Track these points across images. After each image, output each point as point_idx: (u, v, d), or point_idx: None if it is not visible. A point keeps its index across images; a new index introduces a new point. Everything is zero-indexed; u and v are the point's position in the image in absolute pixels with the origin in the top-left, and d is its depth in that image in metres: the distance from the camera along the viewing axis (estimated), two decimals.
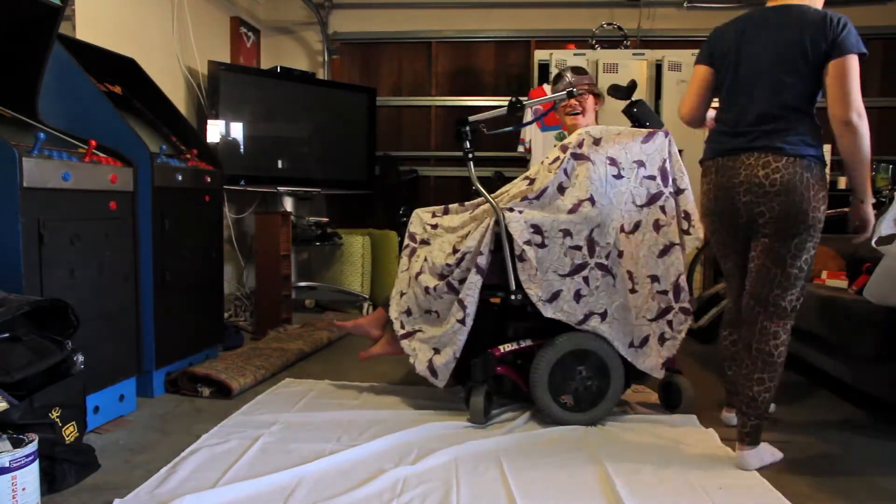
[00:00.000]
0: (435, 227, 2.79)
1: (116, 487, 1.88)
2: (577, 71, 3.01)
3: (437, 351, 2.51)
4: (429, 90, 5.29)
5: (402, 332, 2.66)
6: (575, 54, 4.47)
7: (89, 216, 2.29)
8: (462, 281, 2.50)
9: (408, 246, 2.83)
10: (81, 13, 3.07)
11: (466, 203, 2.84)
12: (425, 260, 2.65)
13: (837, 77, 1.97)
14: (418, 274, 2.65)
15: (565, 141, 2.67)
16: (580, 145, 2.60)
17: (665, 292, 2.54)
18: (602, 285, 2.47)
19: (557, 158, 2.61)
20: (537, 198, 2.54)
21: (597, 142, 2.61)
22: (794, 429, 2.46)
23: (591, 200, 2.53)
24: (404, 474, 1.99)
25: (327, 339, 3.75)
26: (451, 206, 2.87)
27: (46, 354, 1.92)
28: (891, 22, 4.84)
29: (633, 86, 2.78)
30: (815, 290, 2.92)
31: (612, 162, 2.59)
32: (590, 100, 2.94)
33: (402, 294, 2.72)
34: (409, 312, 2.68)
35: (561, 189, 2.56)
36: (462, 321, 2.46)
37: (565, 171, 2.57)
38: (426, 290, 2.59)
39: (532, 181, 2.63)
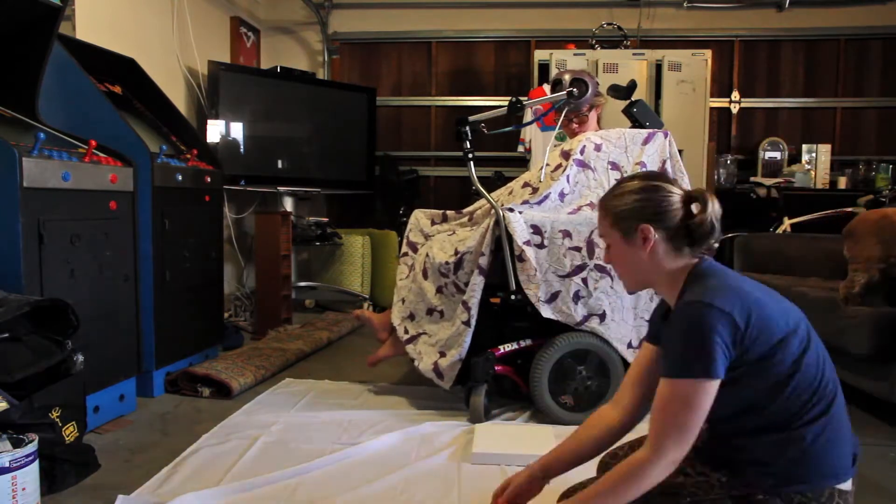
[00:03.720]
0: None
1: (116, 487, 1.87)
2: (577, 83, 2.73)
3: (442, 354, 2.51)
4: (429, 90, 5.29)
5: (405, 336, 2.66)
6: (575, 54, 4.47)
7: (89, 216, 2.29)
8: (466, 284, 2.50)
9: (406, 254, 2.83)
10: (81, 13, 3.07)
11: (465, 210, 2.84)
12: (426, 256, 2.65)
13: None
14: (424, 271, 2.65)
15: (566, 147, 2.67)
16: (582, 152, 2.60)
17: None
18: (601, 286, 2.47)
19: (560, 166, 2.61)
20: (539, 203, 2.54)
21: (598, 147, 2.61)
22: None
23: (592, 206, 2.53)
24: (404, 474, 1.99)
25: (327, 339, 3.74)
26: (449, 212, 2.87)
27: (46, 354, 1.92)
28: (891, 22, 4.84)
29: (632, 86, 2.78)
30: (814, 291, 2.92)
31: (615, 166, 2.60)
32: (591, 114, 2.84)
33: (403, 301, 2.72)
34: (412, 317, 2.68)
35: (562, 196, 2.56)
36: (467, 322, 2.46)
37: (567, 178, 2.57)
38: (438, 289, 2.58)
39: (535, 189, 2.62)
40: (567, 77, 2.76)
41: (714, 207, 1.24)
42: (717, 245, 1.28)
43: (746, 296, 1.18)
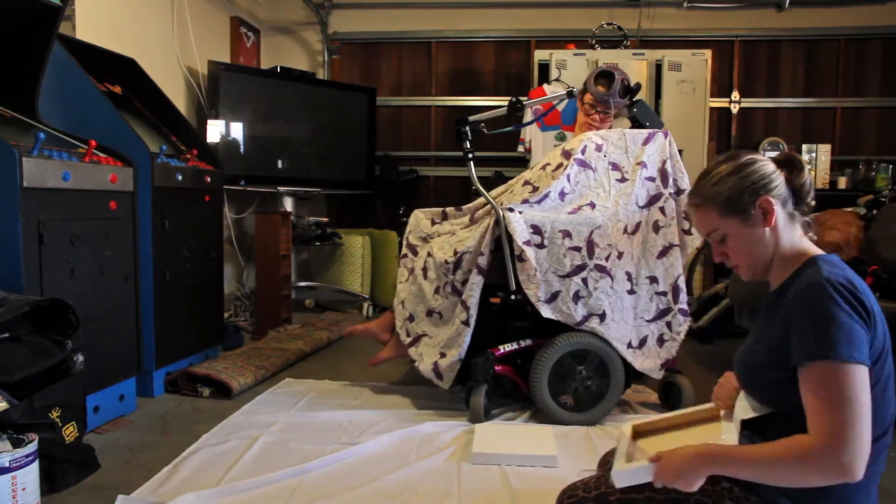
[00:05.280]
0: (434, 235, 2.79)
1: (116, 487, 1.87)
2: (607, 77, 2.73)
3: (442, 354, 2.52)
4: (429, 90, 5.29)
5: (408, 340, 2.66)
6: (575, 54, 4.47)
7: (89, 216, 2.29)
8: (464, 283, 2.50)
9: (406, 255, 2.83)
10: (81, 13, 3.07)
11: (464, 207, 2.84)
12: (428, 255, 2.64)
13: None
14: (424, 270, 2.65)
15: (567, 146, 2.67)
16: (583, 151, 2.60)
17: (664, 293, 2.54)
18: (601, 286, 2.47)
19: (561, 165, 2.61)
20: (538, 202, 2.54)
21: (599, 147, 2.61)
22: None
23: (592, 205, 2.53)
24: (404, 474, 1.99)
25: (327, 339, 3.74)
26: (448, 209, 2.86)
27: (46, 354, 1.92)
28: (891, 22, 4.84)
29: (636, 88, 2.77)
30: None
31: (615, 167, 2.60)
32: (607, 122, 2.79)
33: (403, 303, 2.72)
34: (411, 318, 2.68)
35: (562, 195, 2.56)
36: (466, 322, 2.46)
37: (568, 177, 2.57)
38: (436, 290, 2.58)
39: (535, 188, 2.63)
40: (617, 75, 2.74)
41: (806, 165, 1.25)
42: (814, 203, 1.26)
43: (864, 284, 1.12)
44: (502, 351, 2.53)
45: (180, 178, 2.87)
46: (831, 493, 1.10)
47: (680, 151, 2.69)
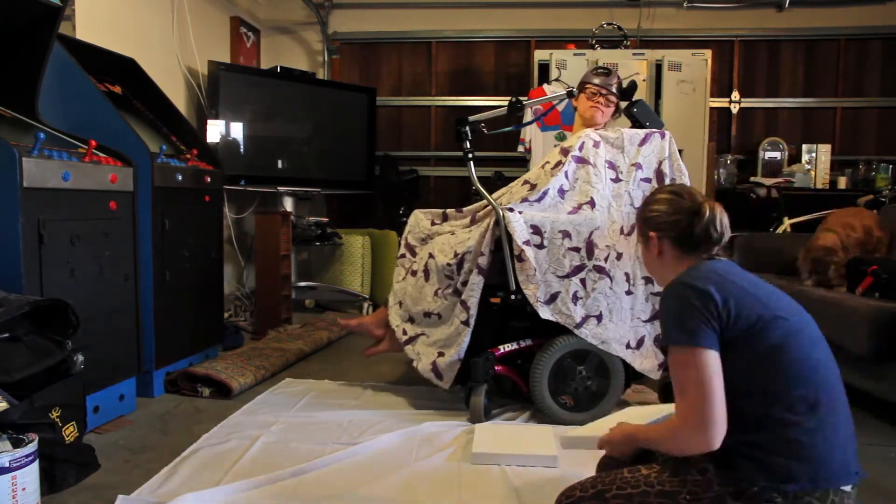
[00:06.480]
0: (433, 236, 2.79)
1: (116, 487, 1.88)
2: (606, 70, 2.81)
3: (441, 354, 2.52)
4: (429, 90, 5.29)
5: (404, 338, 2.66)
6: (575, 54, 4.47)
7: (89, 216, 2.29)
8: (465, 283, 2.50)
9: (404, 256, 2.83)
10: (81, 13, 3.07)
11: (465, 209, 2.84)
12: (430, 256, 2.64)
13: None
14: (425, 272, 2.64)
15: (565, 144, 2.67)
16: (581, 148, 2.60)
17: (659, 294, 2.54)
18: (599, 287, 2.47)
19: (560, 163, 2.61)
20: (538, 200, 2.54)
21: (596, 144, 2.61)
22: None
23: (592, 203, 2.53)
24: (404, 474, 1.99)
25: (327, 339, 3.74)
26: (448, 211, 2.86)
27: (46, 354, 1.92)
28: (891, 22, 4.84)
29: (633, 86, 2.78)
30: (815, 291, 2.92)
31: (611, 166, 2.60)
32: (610, 109, 2.78)
33: (400, 304, 2.72)
34: (411, 320, 2.68)
35: (561, 192, 2.56)
36: (466, 322, 2.46)
37: (566, 174, 2.57)
38: (435, 292, 2.58)
39: (533, 186, 2.63)
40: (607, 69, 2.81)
41: (712, 217, 1.37)
42: (721, 247, 1.40)
43: (724, 279, 1.27)
44: (502, 351, 2.53)
45: (180, 178, 2.87)
46: (800, 462, 1.17)
47: (680, 151, 2.69)
